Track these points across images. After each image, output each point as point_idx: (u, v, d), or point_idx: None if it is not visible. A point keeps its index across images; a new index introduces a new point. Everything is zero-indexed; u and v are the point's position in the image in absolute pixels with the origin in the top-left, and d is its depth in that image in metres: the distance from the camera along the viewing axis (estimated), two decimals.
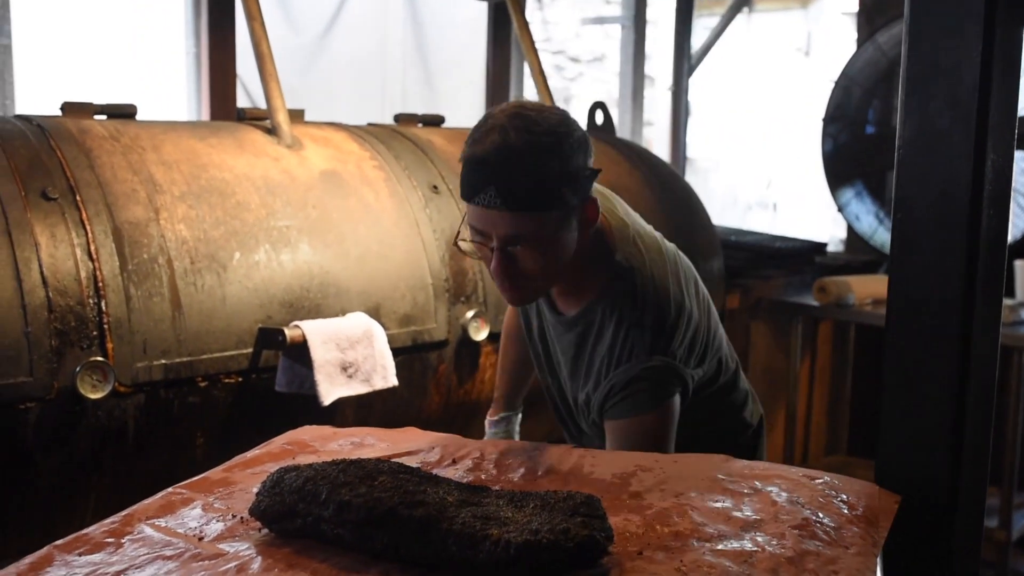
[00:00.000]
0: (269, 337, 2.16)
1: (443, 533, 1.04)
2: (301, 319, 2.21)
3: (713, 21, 4.93)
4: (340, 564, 1.06)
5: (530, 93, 4.08)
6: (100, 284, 1.98)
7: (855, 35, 4.56)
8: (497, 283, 1.59)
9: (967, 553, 1.47)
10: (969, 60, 1.34)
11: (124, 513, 1.20)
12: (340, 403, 2.27)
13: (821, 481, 1.35)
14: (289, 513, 1.12)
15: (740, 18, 4.96)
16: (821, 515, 1.22)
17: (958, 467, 1.41)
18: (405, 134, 2.82)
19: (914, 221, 1.43)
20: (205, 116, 2.97)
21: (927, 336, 1.43)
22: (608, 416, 1.63)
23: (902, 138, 1.42)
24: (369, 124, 2.92)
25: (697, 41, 4.76)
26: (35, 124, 2.17)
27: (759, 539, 1.14)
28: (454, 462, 1.39)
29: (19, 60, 2.77)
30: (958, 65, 1.35)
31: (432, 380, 2.50)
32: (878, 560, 1.14)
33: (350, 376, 2.24)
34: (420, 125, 3.00)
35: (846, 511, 1.24)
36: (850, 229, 4.39)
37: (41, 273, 1.91)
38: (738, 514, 1.21)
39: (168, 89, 3.18)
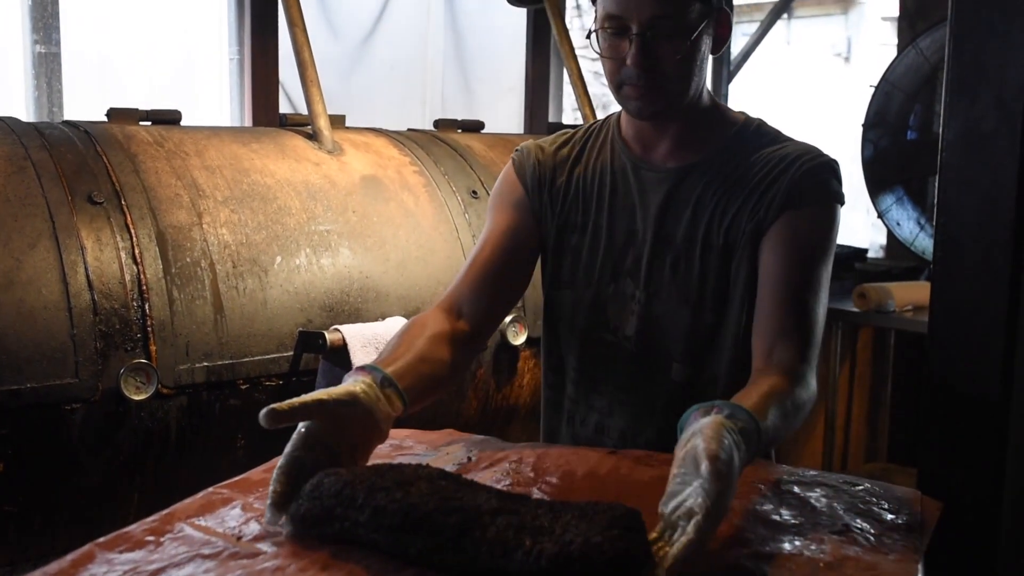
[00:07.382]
0: (309, 341, 2.18)
1: (477, 540, 1.03)
2: (341, 323, 2.23)
3: (752, 27, 4.90)
4: (375, 567, 1.06)
5: (569, 99, 4.08)
6: (144, 287, 2.00)
7: (895, 40, 4.51)
8: (629, 84, 1.49)
9: (1011, 562, 1.45)
10: (1015, 62, 1.33)
11: (165, 512, 1.21)
12: None
13: (862, 488, 1.33)
14: (327, 517, 1.11)
15: (780, 24, 4.92)
16: (861, 521, 1.21)
17: (1002, 474, 1.40)
18: (445, 140, 2.83)
19: (958, 225, 1.41)
20: (248, 122, 3.01)
21: (970, 342, 1.41)
22: (793, 205, 1.48)
23: (946, 141, 1.41)
24: (409, 130, 2.94)
25: (736, 47, 4.73)
26: (82, 130, 2.21)
27: (797, 544, 1.14)
28: (491, 464, 1.39)
29: (67, 67, 2.82)
30: (1003, 67, 1.34)
31: (470, 384, 2.51)
32: (919, 568, 1.12)
33: None
34: (459, 131, 3.02)
35: (887, 517, 1.23)
36: (890, 235, 4.34)
37: (87, 276, 1.95)
38: (776, 518, 1.21)
39: (212, 95, 3.22)
